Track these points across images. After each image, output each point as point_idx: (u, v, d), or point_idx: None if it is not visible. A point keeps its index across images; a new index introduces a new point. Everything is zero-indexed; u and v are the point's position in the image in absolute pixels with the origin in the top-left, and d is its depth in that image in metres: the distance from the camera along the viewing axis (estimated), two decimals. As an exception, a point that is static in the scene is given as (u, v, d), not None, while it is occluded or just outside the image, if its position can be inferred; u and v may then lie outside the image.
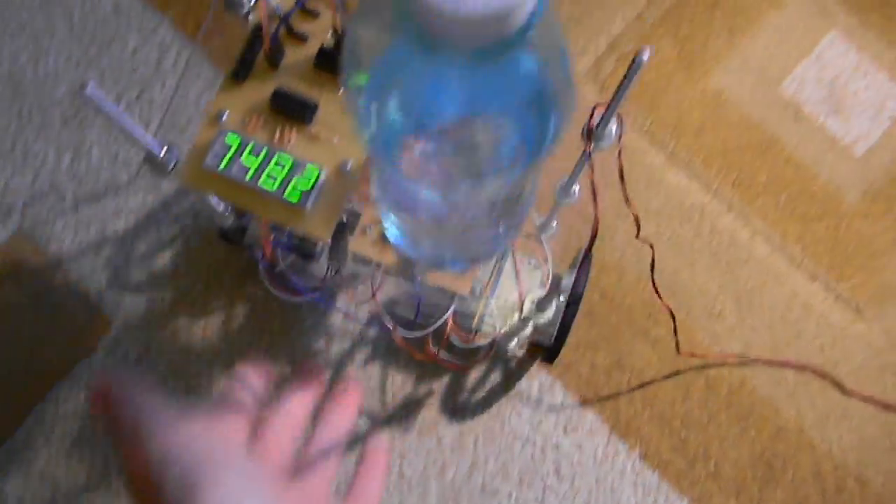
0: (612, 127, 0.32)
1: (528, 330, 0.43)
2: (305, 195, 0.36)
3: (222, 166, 0.36)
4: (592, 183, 0.33)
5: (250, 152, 0.36)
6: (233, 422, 0.32)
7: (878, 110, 0.50)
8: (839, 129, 0.50)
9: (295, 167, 0.36)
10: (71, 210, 0.51)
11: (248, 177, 0.36)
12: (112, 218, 0.50)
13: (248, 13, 0.38)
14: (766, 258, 0.49)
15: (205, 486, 0.27)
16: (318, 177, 0.36)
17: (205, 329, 0.48)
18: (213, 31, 0.39)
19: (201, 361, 0.48)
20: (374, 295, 0.41)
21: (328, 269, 0.42)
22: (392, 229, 0.37)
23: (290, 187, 0.36)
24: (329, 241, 0.37)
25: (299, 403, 0.34)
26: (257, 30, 0.38)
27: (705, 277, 0.49)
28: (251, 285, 0.48)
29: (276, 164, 0.36)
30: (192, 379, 0.48)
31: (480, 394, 0.47)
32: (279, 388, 0.35)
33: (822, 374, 0.47)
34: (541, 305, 0.42)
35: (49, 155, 0.51)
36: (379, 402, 0.47)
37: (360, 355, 0.48)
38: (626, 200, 0.34)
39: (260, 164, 0.36)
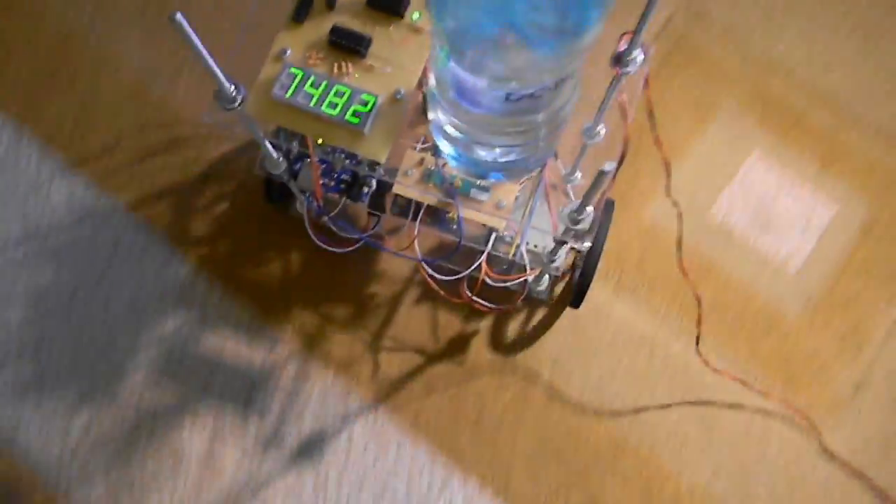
0: (639, 53, 0.37)
1: (560, 261, 0.44)
2: (364, 118, 0.40)
3: (288, 95, 0.40)
4: (622, 104, 0.38)
5: (312, 84, 0.40)
6: None
7: (807, 224, 0.52)
8: (771, 246, 0.52)
9: (353, 95, 0.40)
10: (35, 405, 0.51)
11: (311, 103, 0.40)
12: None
13: None
14: (721, 381, 0.50)
15: None
16: (374, 102, 0.40)
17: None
18: None
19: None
20: (413, 242, 0.44)
21: (371, 218, 0.47)
22: (444, 142, 0.40)
23: (349, 112, 0.40)
24: (384, 161, 0.41)
25: None
26: None
27: (665, 407, 0.50)
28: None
29: (336, 93, 0.40)
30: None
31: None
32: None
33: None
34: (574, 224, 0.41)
35: (11, 349, 0.52)
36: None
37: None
38: (656, 141, 0.41)
39: (321, 94, 0.40)
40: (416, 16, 0.42)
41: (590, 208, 0.38)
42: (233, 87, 0.40)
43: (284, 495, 0.49)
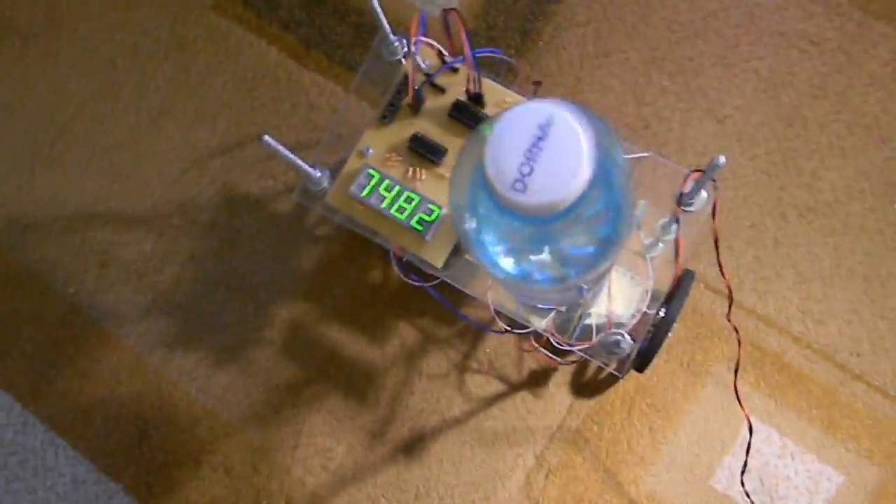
0: (703, 193, 0.42)
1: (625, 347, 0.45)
2: (427, 226, 0.45)
3: (364, 194, 0.46)
4: (677, 243, 0.43)
5: (386, 188, 0.45)
6: None
7: (813, 493, 0.50)
8: (778, 519, 0.50)
9: (420, 203, 0.45)
10: None
11: (383, 204, 0.45)
12: None
13: (399, 59, 0.48)
14: None
15: None
16: (438, 213, 0.45)
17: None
18: (368, 73, 0.50)
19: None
20: (488, 301, 0.47)
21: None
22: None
23: (415, 219, 0.45)
24: (440, 266, 0.45)
25: None
26: (404, 80, 0.47)
27: None
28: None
29: (406, 199, 0.45)
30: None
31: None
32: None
33: None
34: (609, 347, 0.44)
35: None
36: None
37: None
38: (720, 267, 0.45)
39: (393, 198, 0.45)
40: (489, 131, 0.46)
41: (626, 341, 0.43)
42: (319, 173, 0.47)
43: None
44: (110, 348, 0.58)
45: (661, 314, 0.46)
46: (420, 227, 0.44)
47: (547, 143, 0.27)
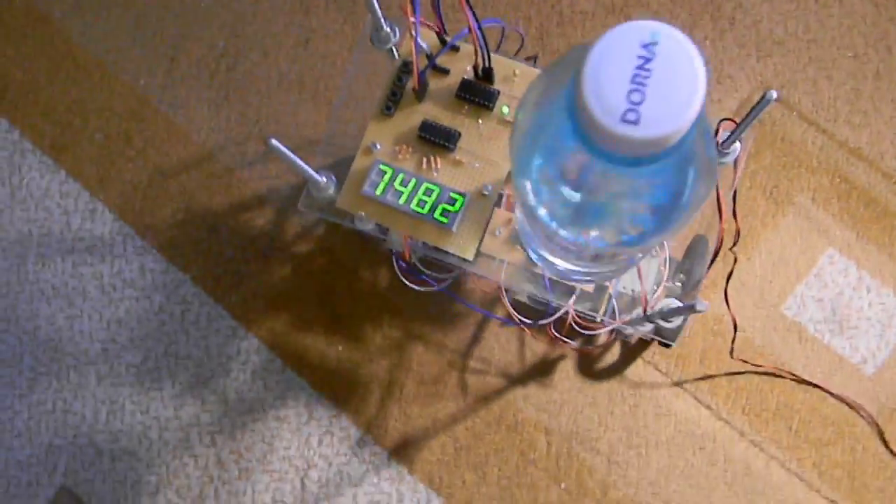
0: (738, 144, 0.38)
1: (650, 327, 0.45)
2: (452, 217, 0.41)
3: (378, 192, 0.42)
4: (718, 197, 0.38)
5: (401, 182, 0.42)
6: None
7: (885, 326, 0.50)
8: (846, 348, 0.50)
9: (442, 193, 0.41)
10: (109, 467, 0.54)
11: (401, 201, 0.42)
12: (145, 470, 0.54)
13: (391, 47, 0.44)
14: (783, 486, 0.49)
15: None
16: (462, 202, 0.41)
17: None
18: (360, 65, 0.47)
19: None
20: (500, 290, 0.45)
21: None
22: (529, 251, 0.41)
23: (438, 210, 0.41)
24: (471, 258, 0.42)
25: None
26: (405, 66, 0.43)
27: (722, 510, 0.49)
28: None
29: (425, 191, 0.42)
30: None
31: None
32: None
33: None
34: (667, 315, 0.43)
35: (87, 413, 0.55)
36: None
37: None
38: (734, 215, 0.43)
39: (411, 191, 0.42)
40: (505, 109, 0.42)
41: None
42: (324, 179, 0.42)
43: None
44: (181, 142, 0.58)
45: (680, 283, 0.44)
46: (444, 220, 0.41)
47: (656, 65, 0.23)
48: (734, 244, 0.45)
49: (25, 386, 0.56)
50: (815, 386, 0.50)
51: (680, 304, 0.42)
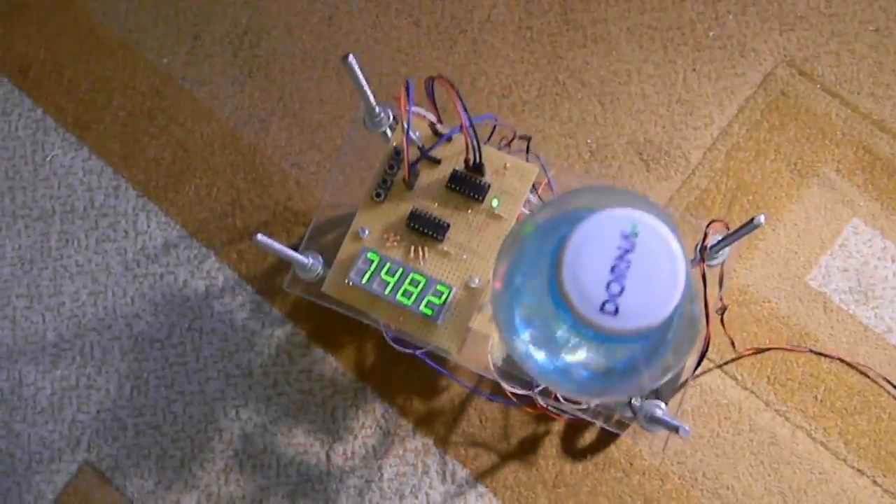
0: (726, 249, 0.39)
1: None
2: (437, 310, 0.41)
3: (364, 281, 0.42)
4: (705, 299, 0.37)
5: (388, 271, 0.42)
6: None
7: (910, 296, 0.51)
8: (871, 317, 0.51)
9: (428, 285, 0.42)
10: (133, 441, 0.55)
11: (386, 291, 0.42)
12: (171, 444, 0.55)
13: (384, 130, 0.44)
14: (809, 455, 0.50)
15: None
16: (448, 294, 0.41)
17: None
18: (352, 148, 0.48)
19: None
20: (490, 365, 0.45)
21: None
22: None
23: (423, 303, 0.41)
24: (456, 354, 0.41)
25: None
26: (396, 154, 0.44)
27: (749, 479, 0.50)
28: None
29: (411, 282, 0.42)
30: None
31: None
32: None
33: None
34: (649, 424, 0.43)
35: (111, 388, 0.57)
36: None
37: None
38: (722, 308, 0.43)
39: (397, 281, 0.42)
40: (495, 203, 0.43)
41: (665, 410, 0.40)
42: (310, 261, 0.43)
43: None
44: (204, 119, 0.60)
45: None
46: (430, 311, 0.41)
47: (635, 257, 0.24)
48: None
49: (49, 362, 0.57)
50: (839, 360, 0.51)
51: (663, 416, 0.42)
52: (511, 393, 0.45)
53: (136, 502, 0.55)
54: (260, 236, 0.40)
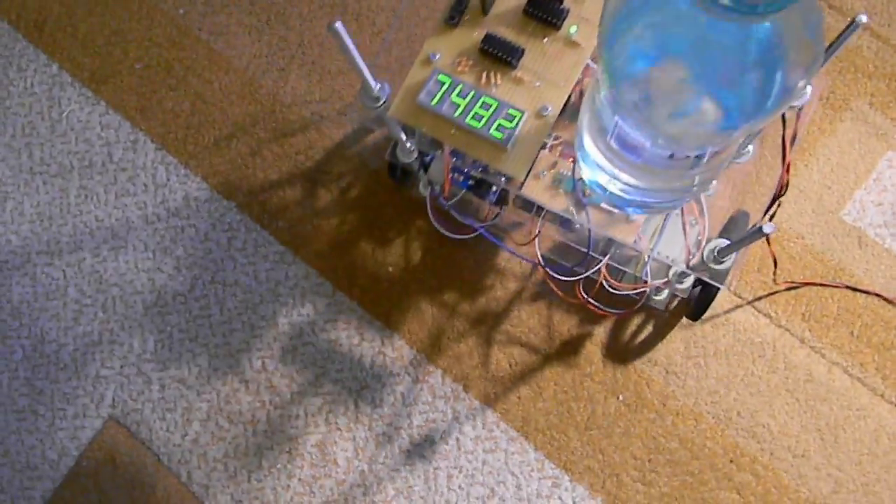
0: (809, 87, 0.38)
1: (687, 283, 0.45)
2: (508, 134, 0.41)
3: (434, 102, 0.41)
4: (784, 140, 0.38)
5: (459, 93, 0.41)
6: None
7: (947, 228, 0.51)
8: (907, 251, 0.51)
9: (500, 108, 0.41)
10: (159, 395, 0.55)
11: (456, 113, 0.41)
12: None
13: None
14: (845, 391, 0.50)
15: None
16: (520, 118, 0.41)
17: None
18: None
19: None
20: (534, 239, 0.46)
21: (492, 209, 0.48)
22: (588, 169, 0.40)
23: (494, 126, 0.41)
24: (522, 179, 0.41)
25: None
26: None
27: (785, 417, 0.50)
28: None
29: (482, 105, 0.41)
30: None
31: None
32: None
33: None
34: (724, 253, 0.42)
35: (134, 343, 0.56)
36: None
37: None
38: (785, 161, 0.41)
39: (468, 104, 0.41)
40: (573, 29, 0.42)
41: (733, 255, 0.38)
42: (378, 85, 0.41)
43: (396, 492, 0.52)
44: (222, 70, 0.59)
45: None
46: (500, 135, 0.41)
47: None
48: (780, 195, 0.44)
49: (71, 318, 0.57)
50: (876, 295, 0.50)
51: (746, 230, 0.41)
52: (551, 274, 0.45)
53: (163, 456, 0.54)
54: (338, 24, 0.37)
